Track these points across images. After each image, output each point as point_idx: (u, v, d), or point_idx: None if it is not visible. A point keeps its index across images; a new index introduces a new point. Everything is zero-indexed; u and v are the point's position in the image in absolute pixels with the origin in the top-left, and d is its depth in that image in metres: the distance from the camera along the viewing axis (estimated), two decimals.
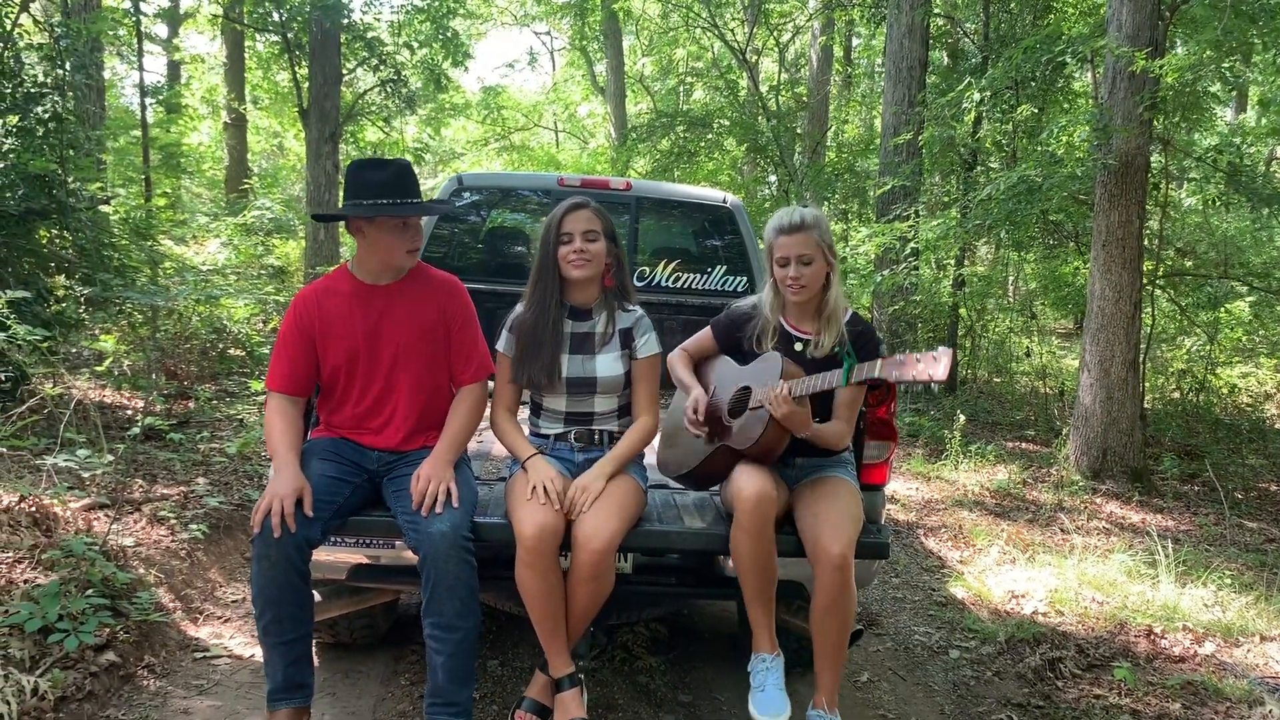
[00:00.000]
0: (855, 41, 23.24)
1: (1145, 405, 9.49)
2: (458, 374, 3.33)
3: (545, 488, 3.01)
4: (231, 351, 9.21)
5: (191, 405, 7.84)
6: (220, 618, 4.61)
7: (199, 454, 6.38)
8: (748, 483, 3.00)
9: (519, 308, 3.36)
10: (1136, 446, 8.17)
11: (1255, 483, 8.74)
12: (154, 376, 7.95)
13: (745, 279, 5.60)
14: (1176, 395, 12.17)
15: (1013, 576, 5.65)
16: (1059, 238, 13.04)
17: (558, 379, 3.25)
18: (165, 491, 5.57)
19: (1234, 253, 12.81)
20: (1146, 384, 10.21)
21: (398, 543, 3.18)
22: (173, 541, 4.96)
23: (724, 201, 5.72)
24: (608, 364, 3.30)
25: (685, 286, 5.56)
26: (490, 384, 3.39)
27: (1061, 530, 6.72)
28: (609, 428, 3.38)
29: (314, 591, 3.29)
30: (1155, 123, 8.24)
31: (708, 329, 3.56)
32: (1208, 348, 12.59)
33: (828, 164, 15.56)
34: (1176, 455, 9.32)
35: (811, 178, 14.99)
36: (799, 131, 17.14)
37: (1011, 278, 15.33)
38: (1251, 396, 13.29)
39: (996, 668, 4.45)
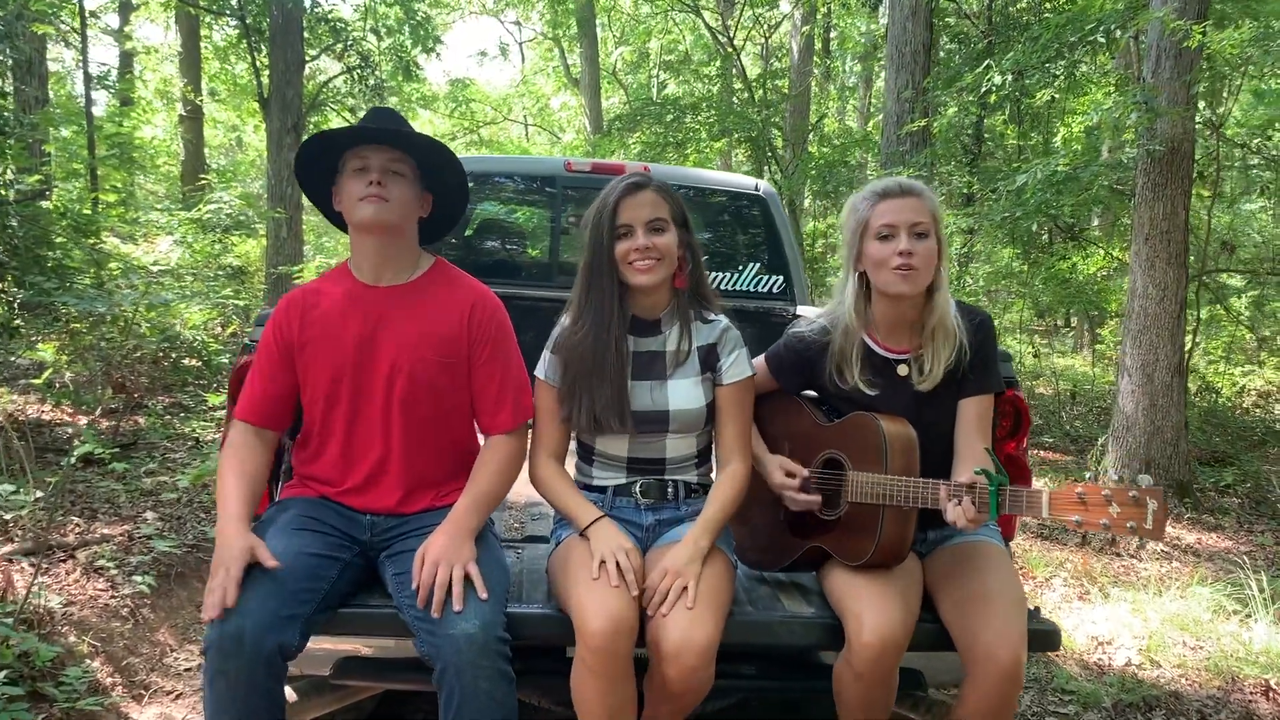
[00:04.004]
0: (832, 33, 22.66)
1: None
2: (485, 417, 2.50)
3: (618, 564, 2.21)
4: (186, 361, 8.33)
5: (142, 422, 6.99)
6: (170, 692, 3.78)
7: (148, 482, 5.54)
8: (872, 620, 2.20)
9: (564, 321, 2.53)
10: (1182, 458, 7.52)
11: None
12: (99, 390, 7.09)
13: (781, 278, 4.87)
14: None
15: (1090, 618, 4.95)
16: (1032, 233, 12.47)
17: (628, 417, 2.42)
18: (106, 531, 4.74)
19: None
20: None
21: None
22: (112, 597, 4.14)
23: (756, 189, 4.99)
24: (684, 392, 2.47)
25: (713, 287, 4.81)
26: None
27: (1125, 556, 6.04)
28: (685, 478, 2.54)
29: (287, 689, 2.52)
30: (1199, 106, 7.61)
31: (762, 363, 2.68)
32: (1211, 344, 12.10)
33: (819, 156, 14.86)
34: (1210, 464, 8.73)
35: (803, 170, 14.29)
36: (780, 126, 16.47)
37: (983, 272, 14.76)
38: (1260, 396, 12.80)
39: None
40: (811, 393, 2.65)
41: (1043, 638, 2.38)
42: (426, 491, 2.48)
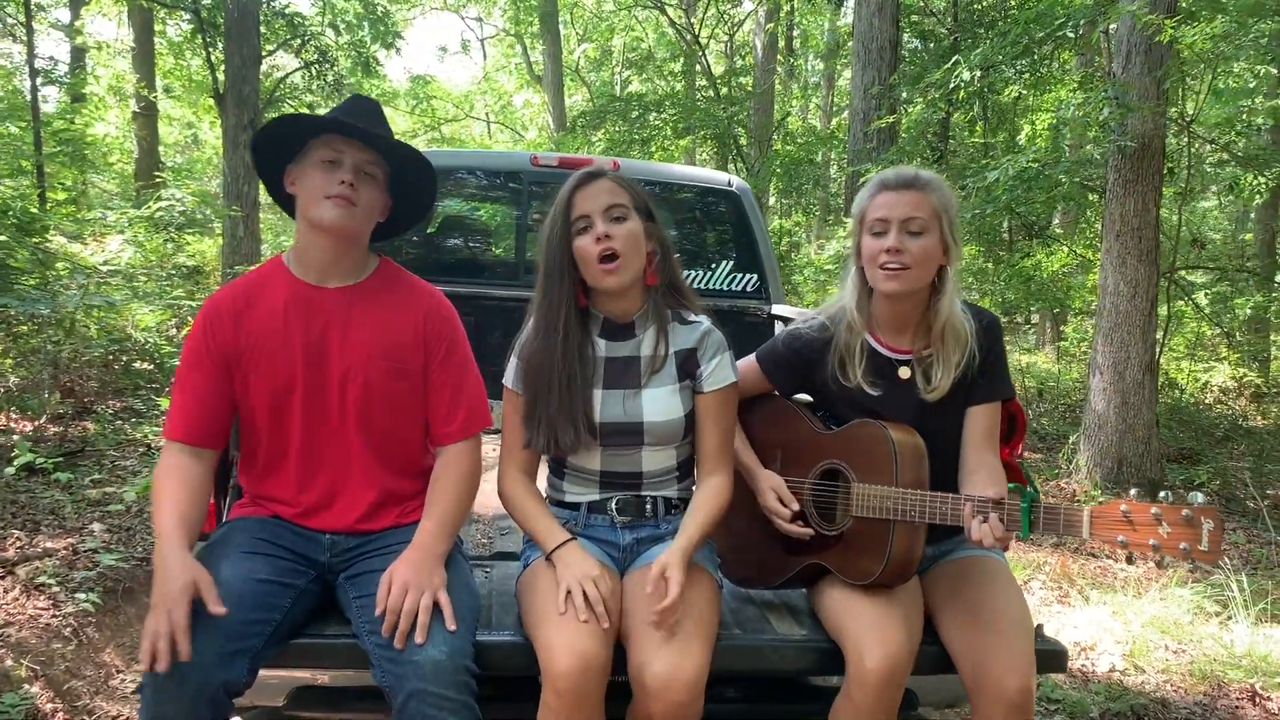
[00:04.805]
0: (794, 32, 22.62)
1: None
2: (437, 425, 2.29)
3: (585, 594, 2.01)
4: (138, 364, 8.05)
5: (91, 427, 6.73)
6: (115, 717, 3.57)
7: (95, 492, 5.30)
8: (874, 645, 2.02)
9: (528, 325, 2.31)
10: (1154, 456, 7.48)
11: (1266, 489, 8.12)
12: (45, 395, 6.82)
13: (755, 276, 4.74)
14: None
15: (1071, 622, 4.85)
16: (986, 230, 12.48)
17: (583, 430, 2.20)
18: (49, 545, 4.50)
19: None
20: None
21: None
22: (54, 616, 3.91)
23: (729, 184, 4.85)
24: (660, 401, 2.23)
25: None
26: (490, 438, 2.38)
27: (1101, 556, 5.96)
28: (665, 493, 2.31)
29: None
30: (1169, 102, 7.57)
31: (754, 364, 2.47)
32: (1173, 340, 12.14)
33: (783, 154, 14.76)
34: (1178, 462, 8.72)
35: (768, 167, 14.19)
36: (744, 124, 16.38)
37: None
38: (1222, 392, 12.88)
39: None
40: (804, 397, 2.49)
41: (1049, 658, 2.23)
42: (390, 508, 2.28)
